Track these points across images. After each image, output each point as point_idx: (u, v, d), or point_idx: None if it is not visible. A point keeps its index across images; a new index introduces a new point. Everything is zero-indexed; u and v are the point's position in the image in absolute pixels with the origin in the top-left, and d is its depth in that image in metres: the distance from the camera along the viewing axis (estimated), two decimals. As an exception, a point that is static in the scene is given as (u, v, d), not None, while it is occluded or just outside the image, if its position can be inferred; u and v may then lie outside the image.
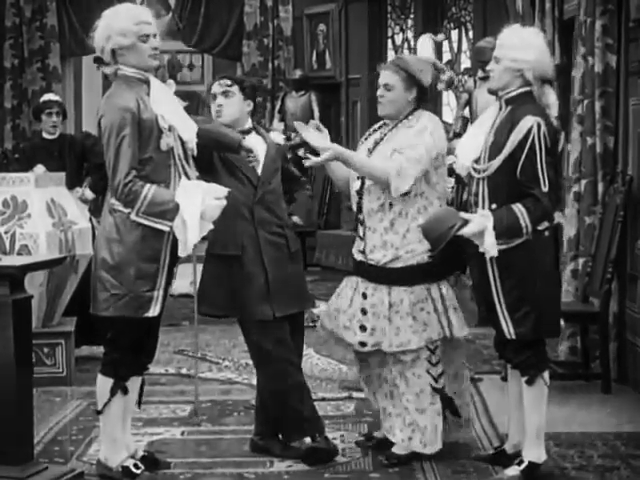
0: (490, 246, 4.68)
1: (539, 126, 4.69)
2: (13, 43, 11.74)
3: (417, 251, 5.06)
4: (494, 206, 4.76)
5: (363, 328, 5.13)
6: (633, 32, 6.51)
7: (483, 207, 4.81)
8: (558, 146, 4.85)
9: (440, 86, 5.83)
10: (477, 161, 4.86)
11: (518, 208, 4.69)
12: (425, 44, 5.71)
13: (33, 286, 5.77)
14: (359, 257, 5.20)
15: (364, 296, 5.15)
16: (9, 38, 11.73)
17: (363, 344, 5.15)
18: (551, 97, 4.84)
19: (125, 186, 4.61)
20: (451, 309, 5.12)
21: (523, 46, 4.76)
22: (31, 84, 11.75)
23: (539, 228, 4.75)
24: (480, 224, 4.69)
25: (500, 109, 4.89)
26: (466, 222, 4.73)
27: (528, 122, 4.69)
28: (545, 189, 4.69)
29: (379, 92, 5.16)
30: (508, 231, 4.70)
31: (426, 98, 5.23)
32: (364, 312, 5.14)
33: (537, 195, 4.68)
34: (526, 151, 4.68)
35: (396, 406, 5.19)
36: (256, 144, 5.16)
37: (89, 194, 7.88)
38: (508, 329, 4.82)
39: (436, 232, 4.79)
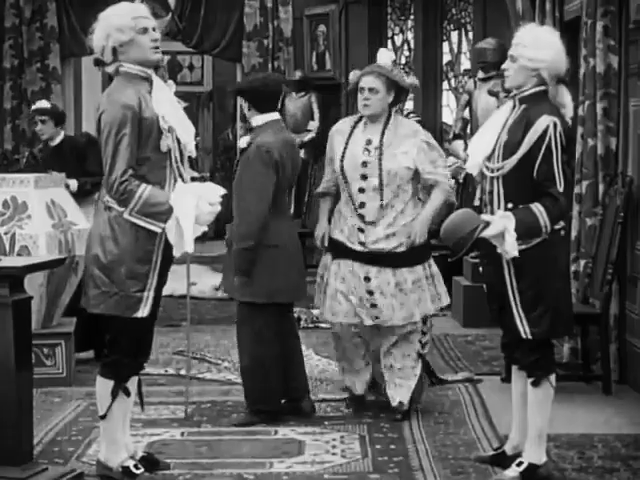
0: (511, 247, 4.66)
1: (555, 126, 4.68)
2: (13, 44, 11.70)
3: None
4: (510, 205, 4.75)
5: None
6: (633, 34, 6.50)
7: (498, 206, 4.80)
8: (573, 145, 4.85)
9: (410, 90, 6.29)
10: (489, 159, 4.86)
11: (537, 208, 4.68)
12: (384, 55, 6.37)
13: (33, 287, 5.76)
14: (358, 247, 5.81)
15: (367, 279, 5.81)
16: (9, 39, 11.70)
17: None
18: (566, 97, 4.82)
19: (121, 184, 4.59)
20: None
21: (540, 45, 4.74)
22: (31, 85, 11.73)
23: (555, 227, 4.75)
24: (501, 225, 4.68)
25: (513, 107, 4.87)
26: (487, 224, 4.71)
27: (544, 122, 4.68)
28: (561, 188, 4.69)
29: (365, 95, 5.81)
30: (528, 231, 4.69)
31: (402, 99, 6.09)
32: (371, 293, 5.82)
33: (554, 194, 4.68)
34: (543, 151, 4.67)
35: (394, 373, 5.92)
36: None
37: (73, 186, 7.57)
38: (524, 329, 4.80)
39: (457, 236, 4.74)
